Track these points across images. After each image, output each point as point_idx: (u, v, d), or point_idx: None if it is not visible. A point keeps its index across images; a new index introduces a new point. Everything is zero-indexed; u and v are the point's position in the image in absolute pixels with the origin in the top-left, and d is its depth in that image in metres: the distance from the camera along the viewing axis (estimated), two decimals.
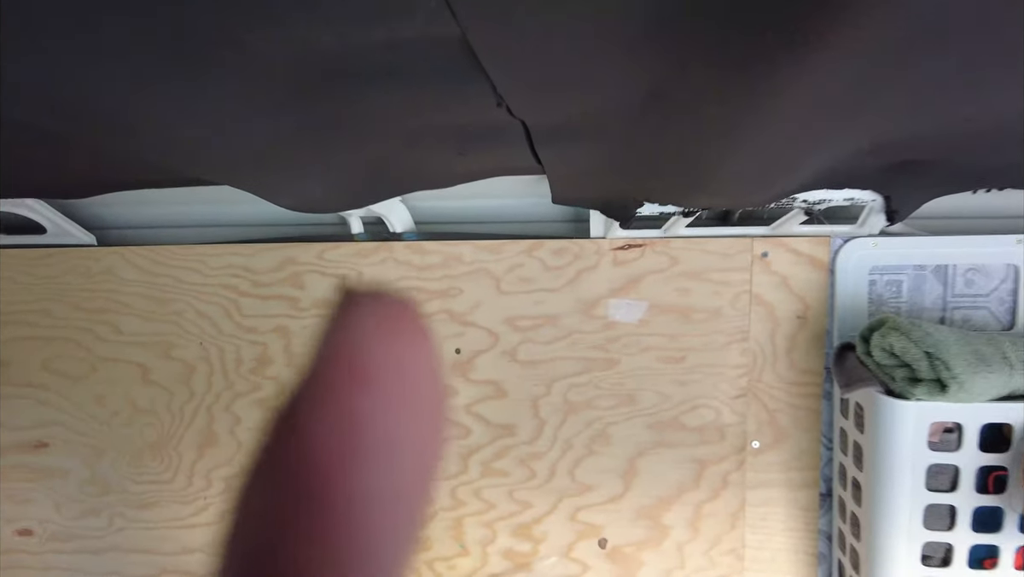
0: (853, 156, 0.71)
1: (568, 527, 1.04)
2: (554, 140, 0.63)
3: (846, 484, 0.92)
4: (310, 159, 0.72)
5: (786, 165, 0.69)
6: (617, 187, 0.79)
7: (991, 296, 0.96)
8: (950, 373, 0.76)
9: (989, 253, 0.95)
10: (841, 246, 0.95)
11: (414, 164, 0.73)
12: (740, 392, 0.98)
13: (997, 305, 0.96)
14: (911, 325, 0.80)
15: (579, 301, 1.00)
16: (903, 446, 0.80)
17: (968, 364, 0.76)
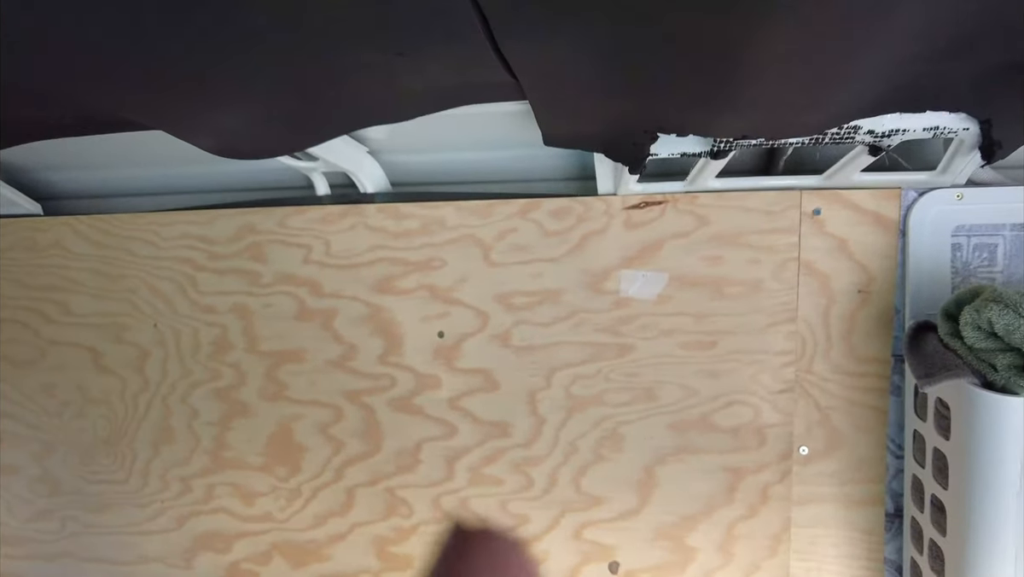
0: (928, 61, 0.51)
1: (572, 547, 0.86)
2: (521, 27, 0.46)
3: (923, 503, 0.72)
4: (224, 84, 0.57)
5: (838, 70, 0.50)
6: (619, 112, 0.61)
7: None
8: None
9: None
10: (916, 200, 0.74)
11: (350, 81, 0.57)
12: (785, 386, 0.79)
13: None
14: (1017, 297, 0.60)
15: (585, 273, 0.82)
16: (1010, 455, 0.60)
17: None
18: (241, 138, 0.67)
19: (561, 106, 0.61)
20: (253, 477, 0.94)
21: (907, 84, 0.55)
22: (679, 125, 0.61)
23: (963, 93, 0.57)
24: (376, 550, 0.92)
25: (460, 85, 0.59)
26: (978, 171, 0.75)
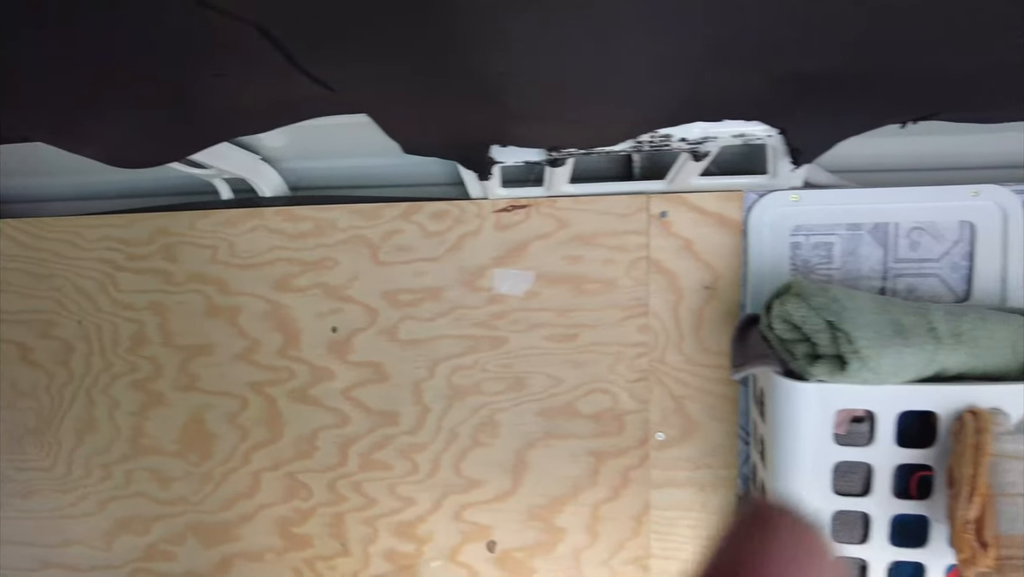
0: (716, 72, 0.57)
1: (454, 527, 0.92)
2: (316, 48, 0.52)
3: (757, 485, 0.78)
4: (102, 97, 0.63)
5: (626, 83, 0.55)
6: (455, 124, 0.67)
7: (942, 261, 0.79)
8: (852, 347, 0.61)
9: (938, 208, 0.78)
10: (755, 202, 0.80)
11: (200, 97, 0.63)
12: (640, 375, 0.84)
13: (949, 272, 0.79)
14: (815, 290, 0.65)
15: (462, 271, 0.88)
16: (803, 438, 0.65)
17: (877, 336, 0.61)
18: (126, 148, 0.74)
19: (400, 119, 0.68)
20: (169, 463, 1.01)
21: (698, 96, 0.60)
22: (501, 137, 0.67)
23: (755, 103, 0.62)
24: (279, 530, 0.98)
25: (301, 99, 0.65)
26: (815, 173, 0.80)
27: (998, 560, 0.55)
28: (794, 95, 0.61)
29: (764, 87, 0.60)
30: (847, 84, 0.59)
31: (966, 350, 0.63)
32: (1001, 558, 0.55)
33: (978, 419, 0.60)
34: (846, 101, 0.62)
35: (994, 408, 0.61)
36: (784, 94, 0.61)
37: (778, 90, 0.60)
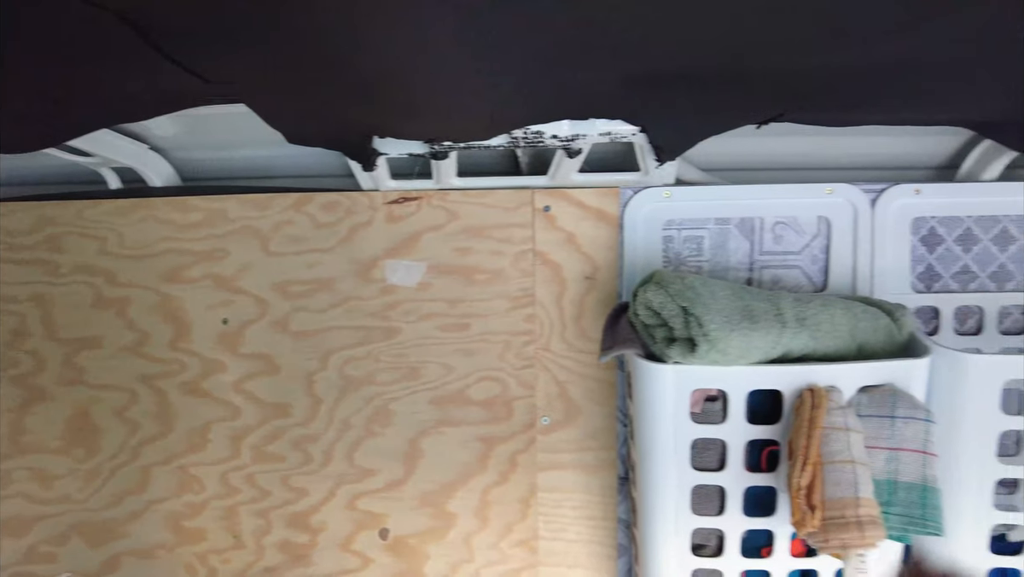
0: (578, 71, 0.60)
1: (347, 516, 0.93)
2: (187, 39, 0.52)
3: (629, 464, 0.82)
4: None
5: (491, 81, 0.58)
6: (333, 115, 0.68)
7: (803, 253, 0.85)
8: (701, 330, 0.65)
9: (799, 205, 0.84)
10: (631, 197, 0.84)
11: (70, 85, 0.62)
12: (527, 362, 0.88)
13: (809, 263, 0.85)
14: (673, 279, 0.70)
15: (354, 262, 0.89)
16: (662, 418, 0.70)
17: (727, 321, 0.66)
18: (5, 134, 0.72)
19: (279, 110, 0.68)
20: (52, 460, 0.97)
21: (560, 94, 0.64)
22: (381, 129, 0.69)
23: (614, 102, 0.66)
24: (171, 525, 0.96)
25: (177, 89, 0.65)
26: (686, 171, 0.85)
27: (824, 520, 0.61)
28: (651, 95, 0.65)
29: (621, 87, 0.64)
30: (703, 86, 0.63)
31: (809, 334, 0.68)
32: (826, 519, 0.61)
33: (815, 396, 0.65)
34: (703, 102, 0.67)
35: (830, 386, 0.67)
36: (642, 94, 0.65)
37: (635, 90, 0.64)
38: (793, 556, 0.72)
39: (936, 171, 0.90)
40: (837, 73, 0.60)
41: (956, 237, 0.85)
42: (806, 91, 0.64)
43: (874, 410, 0.66)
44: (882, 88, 0.64)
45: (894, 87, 0.64)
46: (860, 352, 0.71)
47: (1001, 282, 0.85)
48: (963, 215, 0.85)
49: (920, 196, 0.83)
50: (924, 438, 0.64)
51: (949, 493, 0.71)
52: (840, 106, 0.69)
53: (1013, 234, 0.85)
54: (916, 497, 0.64)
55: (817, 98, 0.66)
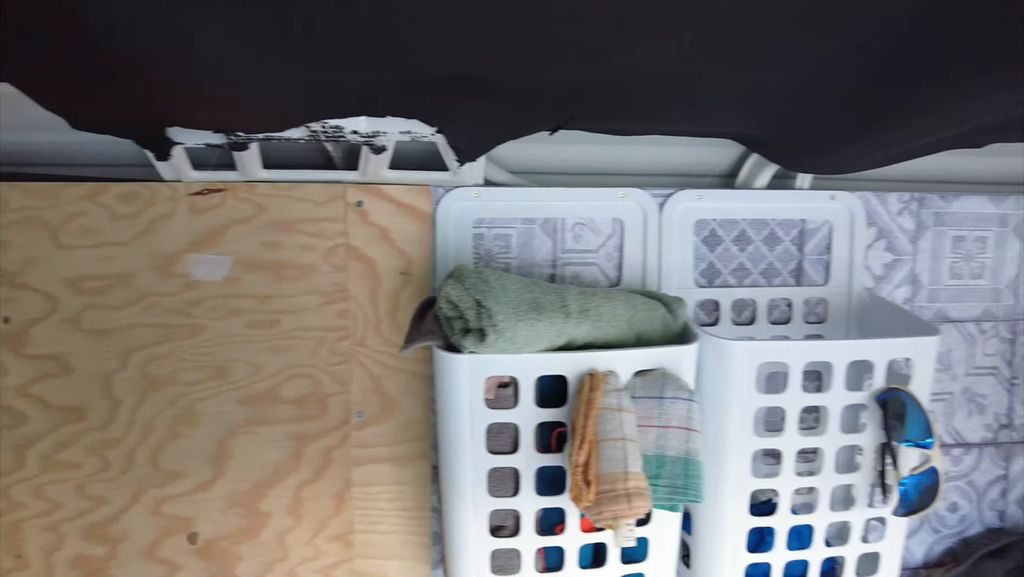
0: (365, 70, 0.61)
1: (152, 523, 0.88)
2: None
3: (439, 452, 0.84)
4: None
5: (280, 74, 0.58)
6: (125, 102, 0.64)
7: (599, 251, 0.92)
8: (491, 321, 0.69)
9: (595, 207, 0.91)
10: (442, 196, 0.87)
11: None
12: (341, 358, 0.88)
13: (605, 261, 0.92)
14: (470, 273, 0.73)
15: (155, 257, 0.85)
16: (459, 404, 0.73)
17: (514, 312, 0.70)
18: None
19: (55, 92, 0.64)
20: None
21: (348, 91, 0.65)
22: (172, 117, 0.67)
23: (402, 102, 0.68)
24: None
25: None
26: (494, 172, 0.89)
27: (598, 494, 0.66)
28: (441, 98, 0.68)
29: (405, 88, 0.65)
30: (492, 91, 0.66)
31: (591, 324, 0.74)
32: (600, 493, 0.66)
33: (593, 380, 0.71)
34: (493, 108, 0.70)
35: (608, 370, 0.73)
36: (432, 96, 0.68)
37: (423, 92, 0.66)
38: (583, 531, 0.78)
39: (719, 179, 1.01)
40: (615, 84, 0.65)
41: (733, 238, 0.95)
42: (588, 100, 0.70)
43: (646, 392, 0.73)
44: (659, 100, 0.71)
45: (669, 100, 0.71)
46: (639, 340, 0.78)
47: (770, 278, 0.97)
48: (739, 218, 0.95)
49: (702, 201, 0.93)
50: (688, 416, 0.72)
51: (717, 463, 0.80)
52: (621, 116, 0.76)
53: (779, 236, 0.97)
54: (680, 469, 0.71)
55: (599, 107, 0.72)
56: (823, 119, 0.71)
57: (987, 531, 1.09)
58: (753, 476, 0.81)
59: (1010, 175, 1.09)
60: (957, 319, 1.04)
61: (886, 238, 0.99)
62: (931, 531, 1.08)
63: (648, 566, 0.81)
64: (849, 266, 0.97)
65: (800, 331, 0.98)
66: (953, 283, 1.03)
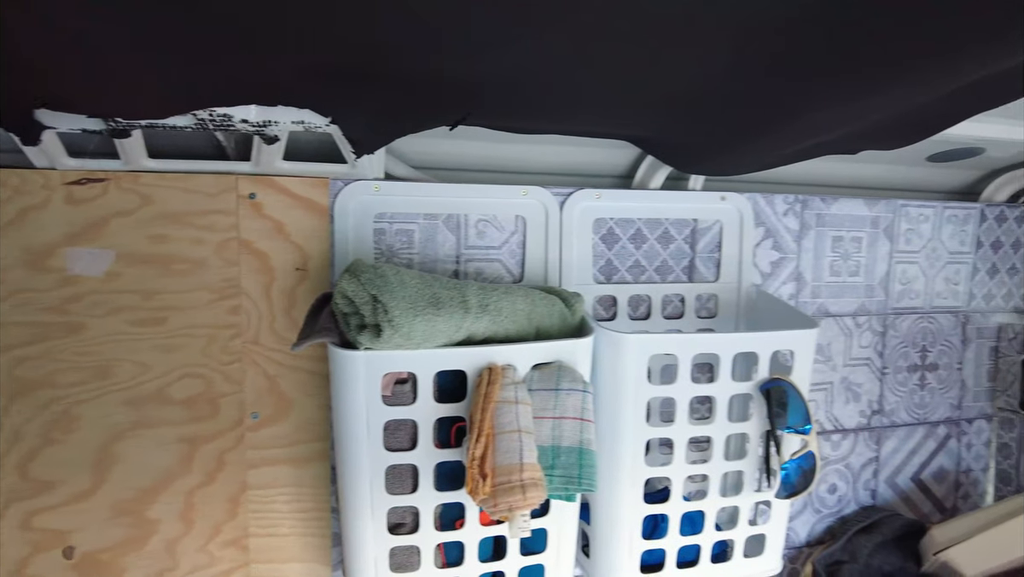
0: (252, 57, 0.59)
1: (21, 538, 0.82)
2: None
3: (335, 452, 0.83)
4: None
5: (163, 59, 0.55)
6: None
7: (503, 248, 0.93)
8: (387, 316, 0.68)
9: (498, 204, 0.92)
10: (341, 189, 0.85)
11: None
12: (234, 357, 0.85)
13: (508, 257, 0.93)
14: (366, 268, 0.72)
15: (26, 250, 0.79)
16: (355, 402, 0.72)
17: (412, 307, 0.70)
18: None
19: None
20: None
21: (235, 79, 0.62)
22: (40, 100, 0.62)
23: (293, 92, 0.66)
24: None
25: None
26: (396, 166, 0.88)
27: (494, 487, 0.67)
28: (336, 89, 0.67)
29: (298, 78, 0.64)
30: (388, 85, 0.66)
31: (490, 318, 0.75)
32: (496, 485, 0.67)
33: (491, 373, 0.72)
34: (391, 101, 0.70)
35: (507, 364, 0.74)
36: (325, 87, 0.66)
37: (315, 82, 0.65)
38: (483, 525, 0.78)
39: (617, 179, 1.04)
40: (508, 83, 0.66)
41: (629, 236, 0.98)
42: (484, 98, 0.70)
43: (542, 384, 0.74)
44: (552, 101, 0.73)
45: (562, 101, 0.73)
46: (538, 334, 0.79)
47: (664, 275, 1.01)
48: (635, 217, 0.98)
49: (601, 200, 0.95)
50: (582, 406, 0.74)
51: (613, 453, 0.82)
52: (518, 114, 0.77)
53: (673, 235, 1.01)
54: (574, 459, 0.73)
55: (496, 105, 0.73)
56: (709, 123, 0.75)
57: (861, 509, 1.17)
58: (647, 465, 0.84)
59: (881, 180, 1.19)
60: (836, 313, 1.11)
61: (773, 237, 1.05)
62: (813, 512, 1.15)
63: (547, 557, 0.82)
64: (738, 263, 1.03)
65: (692, 325, 1.02)
66: (832, 280, 1.10)
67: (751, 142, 0.78)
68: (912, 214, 1.14)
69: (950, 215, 1.16)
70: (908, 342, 1.17)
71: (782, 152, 0.84)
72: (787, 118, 0.68)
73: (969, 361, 1.23)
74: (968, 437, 1.25)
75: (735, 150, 0.83)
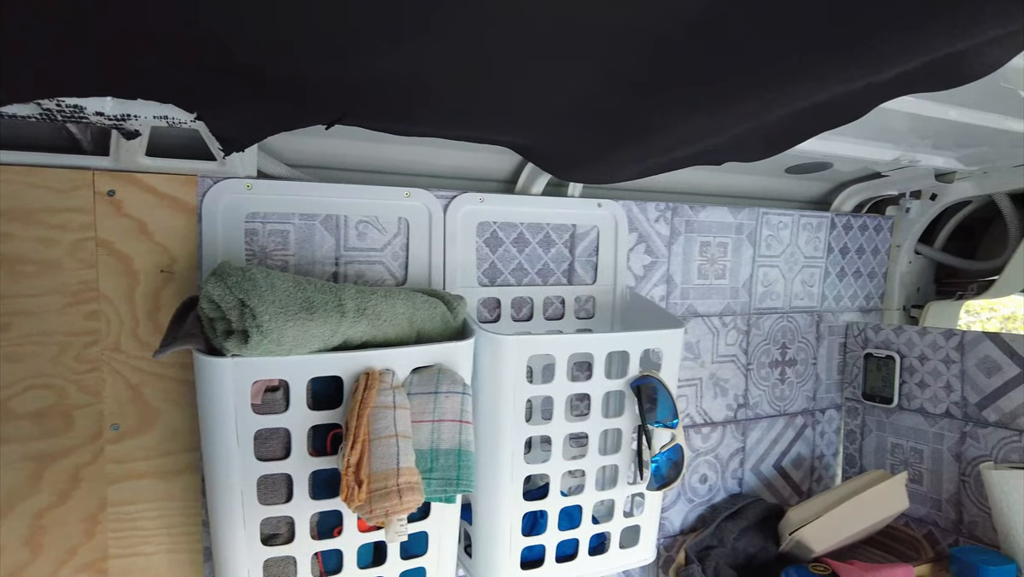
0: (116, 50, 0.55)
1: None
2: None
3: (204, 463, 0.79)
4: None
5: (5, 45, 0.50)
6: None
7: (385, 250, 0.92)
8: (255, 321, 0.66)
9: (380, 205, 0.91)
10: (210, 187, 0.81)
11: None
12: (91, 365, 0.79)
13: (391, 259, 0.93)
14: (233, 271, 0.69)
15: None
16: (223, 411, 0.69)
17: (282, 312, 0.68)
18: None
19: None
20: None
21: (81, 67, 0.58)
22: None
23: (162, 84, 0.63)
24: None
25: None
26: (270, 164, 0.86)
27: (370, 492, 0.66)
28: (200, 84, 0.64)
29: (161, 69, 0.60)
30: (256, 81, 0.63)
31: (368, 322, 0.74)
32: (372, 491, 0.66)
33: (369, 378, 0.71)
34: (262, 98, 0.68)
35: (385, 369, 0.73)
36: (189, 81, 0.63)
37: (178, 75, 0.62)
38: (361, 532, 0.77)
39: (503, 183, 1.06)
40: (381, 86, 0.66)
41: (512, 240, 1.01)
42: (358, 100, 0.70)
43: (422, 388, 0.74)
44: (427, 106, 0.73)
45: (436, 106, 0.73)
46: (419, 337, 0.80)
47: (545, 277, 1.04)
48: (517, 222, 1.01)
49: (484, 204, 0.97)
50: (461, 408, 0.75)
51: (494, 452, 0.84)
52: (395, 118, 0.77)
53: (554, 239, 1.04)
54: (453, 461, 0.73)
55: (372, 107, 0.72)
56: (582, 134, 0.78)
57: (729, 496, 1.26)
58: (527, 462, 0.86)
59: (745, 190, 1.28)
60: (704, 314, 1.19)
61: (645, 242, 1.11)
62: (686, 501, 1.22)
63: (429, 559, 0.83)
64: (614, 267, 1.07)
65: (572, 326, 1.06)
66: (701, 282, 1.17)
67: (621, 152, 0.81)
68: (772, 221, 1.23)
69: (805, 223, 1.27)
70: (770, 340, 1.26)
71: (653, 162, 0.88)
72: (652, 130, 0.72)
73: (822, 356, 1.34)
74: (821, 425, 1.37)
75: (608, 160, 0.86)
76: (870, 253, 1.38)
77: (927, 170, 1.23)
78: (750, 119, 0.68)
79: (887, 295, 1.42)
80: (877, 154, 1.10)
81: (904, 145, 1.09)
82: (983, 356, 1.16)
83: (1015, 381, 1.11)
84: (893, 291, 1.41)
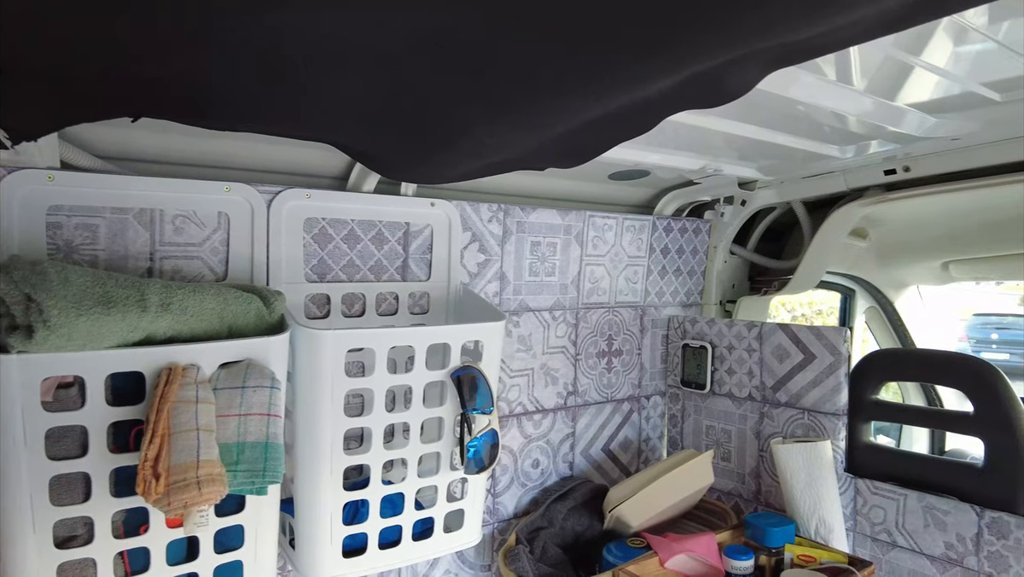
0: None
1: None
2: None
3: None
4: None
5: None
6: None
7: (204, 245, 0.92)
8: (41, 316, 0.64)
9: (198, 200, 0.90)
10: (3, 177, 0.78)
11: None
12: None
13: (210, 255, 0.92)
14: (21, 264, 0.67)
15: None
16: (8, 409, 0.67)
17: (75, 306, 0.66)
18: None
19: None
20: None
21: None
22: None
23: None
24: None
25: None
26: (75, 156, 0.83)
27: (168, 486, 0.67)
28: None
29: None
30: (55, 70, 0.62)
31: (173, 317, 0.74)
32: (171, 484, 0.67)
33: (171, 373, 0.71)
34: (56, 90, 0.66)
35: (190, 364, 0.74)
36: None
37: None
38: (170, 527, 0.77)
39: (334, 180, 1.07)
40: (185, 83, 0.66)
41: (343, 236, 1.03)
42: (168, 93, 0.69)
43: (228, 383, 0.75)
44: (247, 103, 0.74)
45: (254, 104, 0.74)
46: (231, 333, 0.80)
47: (378, 274, 1.07)
48: (348, 219, 1.03)
49: (311, 200, 0.98)
50: (269, 402, 0.76)
51: (312, 445, 0.86)
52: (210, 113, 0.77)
53: (387, 236, 1.07)
54: (260, 453, 0.75)
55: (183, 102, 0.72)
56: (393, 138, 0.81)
57: (560, 479, 1.34)
58: (346, 454, 0.89)
59: (574, 194, 1.37)
60: (536, 308, 1.26)
61: (479, 241, 1.17)
62: (519, 485, 1.29)
63: (246, 552, 0.83)
64: (448, 264, 1.12)
65: (406, 321, 1.09)
66: (532, 279, 1.25)
67: (435, 157, 0.86)
68: (598, 223, 1.33)
69: (628, 225, 1.38)
70: (597, 332, 1.36)
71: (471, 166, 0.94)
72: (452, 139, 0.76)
73: (647, 347, 1.46)
74: (647, 411, 1.49)
75: (428, 162, 0.91)
76: (689, 253, 1.52)
77: (732, 178, 1.38)
78: (540, 131, 0.75)
79: (705, 291, 1.57)
80: (685, 163, 1.22)
81: (709, 155, 1.21)
82: (776, 344, 1.31)
83: (799, 366, 1.27)
84: (711, 287, 1.56)
